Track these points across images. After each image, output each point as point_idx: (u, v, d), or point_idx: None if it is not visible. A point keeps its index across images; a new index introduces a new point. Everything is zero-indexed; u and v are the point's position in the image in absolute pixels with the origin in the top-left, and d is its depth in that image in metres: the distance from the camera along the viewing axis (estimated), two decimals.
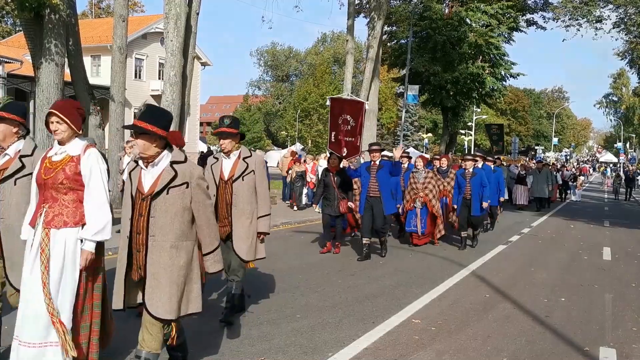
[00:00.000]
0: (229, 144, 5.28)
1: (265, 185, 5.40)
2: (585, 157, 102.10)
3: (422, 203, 10.20)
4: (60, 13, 11.52)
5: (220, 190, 5.29)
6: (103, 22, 40.66)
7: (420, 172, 10.42)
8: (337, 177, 9.29)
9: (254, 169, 5.29)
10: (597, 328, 5.82)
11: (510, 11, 28.85)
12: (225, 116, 5.40)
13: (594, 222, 17.26)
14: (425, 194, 10.25)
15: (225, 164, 5.35)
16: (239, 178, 5.23)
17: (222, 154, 5.38)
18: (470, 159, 10.96)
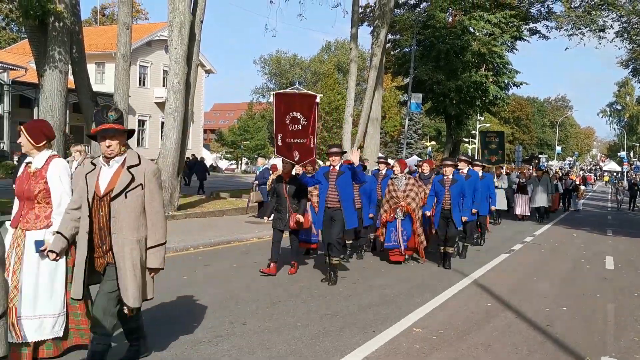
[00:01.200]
0: (117, 146, 4.00)
1: (157, 204, 4.12)
2: (588, 166, 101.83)
3: (405, 213, 9.25)
4: (64, 21, 11.60)
5: (94, 209, 4.02)
6: (107, 29, 40.93)
7: (400, 179, 9.40)
8: (290, 185, 8.10)
9: (143, 182, 4.04)
10: (599, 338, 5.79)
11: (513, 20, 28.93)
12: (107, 107, 4.11)
13: (596, 231, 17.20)
14: (407, 203, 9.27)
15: (104, 174, 4.05)
16: (121, 194, 3.98)
17: (101, 159, 4.10)
18: (451, 163, 9.50)
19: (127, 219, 3.99)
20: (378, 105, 21.20)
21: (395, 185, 9.37)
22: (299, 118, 8.69)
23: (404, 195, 9.28)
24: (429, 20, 28.99)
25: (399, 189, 9.32)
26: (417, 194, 9.42)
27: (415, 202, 9.32)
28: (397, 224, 9.23)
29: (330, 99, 59.18)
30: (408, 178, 9.45)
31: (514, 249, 12.13)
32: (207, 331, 5.29)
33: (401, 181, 9.39)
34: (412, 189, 9.36)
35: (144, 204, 4.06)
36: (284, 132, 8.64)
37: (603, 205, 33.12)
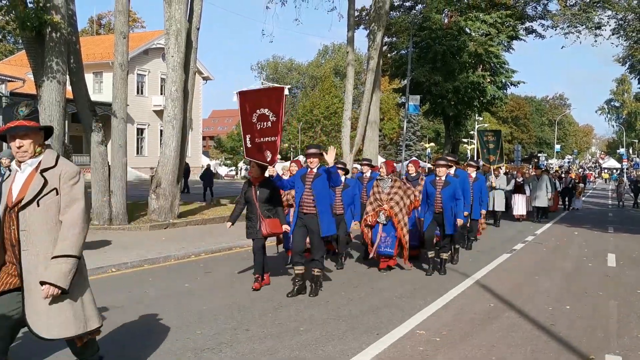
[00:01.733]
0: (30, 146, 3.44)
1: (76, 214, 3.44)
2: (588, 164, 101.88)
3: (387, 217, 8.61)
4: (61, 31, 11.62)
5: (5, 222, 3.48)
6: (104, 39, 40.99)
7: (386, 181, 8.80)
8: (261, 189, 7.45)
9: (58, 186, 3.44)
10: (602, 336, 5.79)
11: (509, 20, 29.01)
12: (18, 103, 3.57)
13: (597, 228, 17.20)
14: (390, 207, 8.59)
15: (17, 181, 3.51)
16: (32, 202, 3.39)
17: (13, 164, 3.59)
18: (444, 164, 8.89)
19: (40, 231, 3.38)
20: (376, 108, 21.21)
21: (380, 187, 8.80)
22: (267, 114, 7.82)
23: (387, 198, 8.65)
24: (424, 22, 29.07)
25: (383, 191, 8.72)
26: (402, 198, 8.69)
27: (398, 206, 8.62)
28: (379, 229, 8.66)
29: (328, 102, 59.31)
30: (394, 180, 8.83)
31: (516, 248, 12.13)
32: (210, 338, 5.28)
33: (386, 183, 8.80)
34: (397, 192, 8.69)
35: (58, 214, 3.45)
36: (252, 132, 7.83)
37: (603, 203, 33.11)
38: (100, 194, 12.96)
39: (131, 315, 6.01)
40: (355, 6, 20.31)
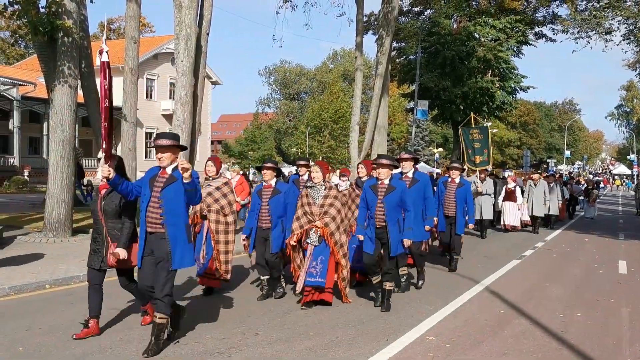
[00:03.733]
0: None
1: None
2: (597, 170, 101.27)
3: (320, 237, 6.71)
4: (73, 36, 11.70)
5: None
6: (114, 43, 41.24)
7: (318, 188, 6.82)
8: (108, 198, 5.40)
9: None
10: (614, 343, 5.74)
11: (518, 25, 28.92)
12: None
13: (608, 235, 17.06)
14: (323, 223, 6.66)
15: None
16: None
17: None
18: (386, 163, 6.70)
19: None
20: (384, 113, 21.17)
21: (311, 197, 6.82)
22: None
23: (320, 211, 6.72)
24: (433, 27, 29.05)
25: (314, 202, 6.79)
26: (340, 212, 6.85)
27: (335, 222, 6.70)
28: (308, 252, 6.79)
29: (337, 106, 59.38)
30: (330, 188, 6.89)
31: (525, 254, 12.05)
32: (220, 342, 5.28)
33: (319, 191, 6.82)
34: (333, 204, 6.75)
35: None
36: None
37: (614, 209, 32.86)
38: None
39: (141, 319, 6.01)
40: (364, 11, 20.34)
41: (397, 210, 6.66)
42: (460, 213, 9.44)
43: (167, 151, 5.11)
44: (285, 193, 7.21)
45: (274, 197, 7.11)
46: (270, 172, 7.19)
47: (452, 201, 9.53)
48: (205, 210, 7.13)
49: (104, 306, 5.47)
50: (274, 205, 7.08)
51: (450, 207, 9.54)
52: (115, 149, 13.58)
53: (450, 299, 7.37)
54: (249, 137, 62.28)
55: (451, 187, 9.61)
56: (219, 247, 7.07)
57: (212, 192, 7.19)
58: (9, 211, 15.74)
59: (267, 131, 68.13)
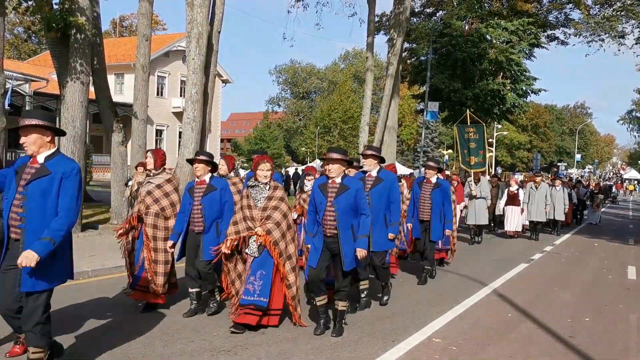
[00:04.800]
0: None
1: None
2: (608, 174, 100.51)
3: (261, 247, 5.60)
4: (85, 33, 11.78)
5: None
6: (126, 40, 41.49)
7: (261, 188, 5.73)
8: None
9: None
10: (622, 349, 5.70)
11: (530, 27, 28.76)
12: None
13: (618, 240, 16.94)
14: (265, 230, 5.55)
15: None
16: None
17: None
18: (337, 157, 5.52)
19: None
20: (394, 114, 21.16)
21: (252, 198, 5.72)
22: None
23: (262, 215, 5.64)
24: (445, 28, 28.94)
25: (256, 205, 5.69)
26: (288, 216, 5.79)
27: (280, 229, 5.62)
28: (247, 265, 5.69)
29: (346, 106, 59.38)
30: (275, 187, 5.80)
31: (534, 258, 11.99)
32: (226, 340, 5.30)
33: (262, 193, 5.71)
34: (279, 207, 5.67)
35: None
36: None
37: (624, 214, 32.62)
38: (119, 193, 13.11)
39: (147, 315, 6.05)
40: (375, 12, 20.32)
41: (350, 215, 5.50)
42: (437, 217, 8.32)
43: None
44: (222, 190, 6.10)
45: (208, 195, 6.01)
46: (203, 165, 6.07)
47: (427, 204, 8.39)
48: (142, 212, 6.19)
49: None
50: (207, 205, 5.99)
51: (425, 211, 8.40)
52: (125, 146, 13.62)
53: (457, 302, 7.35)
54: (258, 136, 62.38)
55: (426, 188, 8.46)
56: (157, 257, 6.06)
57: (151, 190, 6.25)
58: None
59: (277, 130, 68.25)
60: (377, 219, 6.48)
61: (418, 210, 8.52)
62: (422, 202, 8.46)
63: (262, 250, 5.61)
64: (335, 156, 5.52)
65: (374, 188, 6.66)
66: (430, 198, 8.38)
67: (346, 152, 5.79)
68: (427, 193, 8.42)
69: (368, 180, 6.73)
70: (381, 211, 6.63)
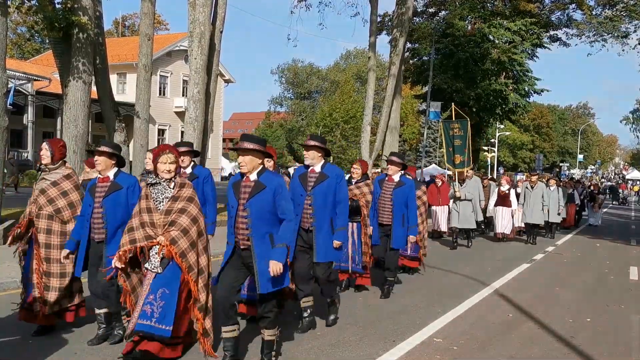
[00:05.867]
0: None
1: None
2: (610, 174, 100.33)
3: (165, 260, 4.52)
4: (88, 32, 11.80)
5: None
6: (129, 40, 41.53)
7: (164, 186, 4.66)
8: None
9: None
10: (623, 349, 5.69)
11: (533, 28, 28.72)
12: None
13: (620, 240, 16.91)
14: (169, 239, 4.47)
15: None
16: None
17: None
18: (250, 147, 4.45)
19: None
20: (397, 114, 21.18)
21: (152, 199, 4.64)
22: None
23: (164, 220, 4.56)
24: (448, 28, 28.92)
25: (157, 207, 4.61)
26: (199, 220, 4.69)
27: (188, 237, 4.55)
28: (146, 282, 4.57)
29: (348, 106, 59.33)
30: (180, 185, 4.69)
31: (535, 258, 11.98)
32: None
33: (163, 192, 4.64)
34: (186, 210, 4.60)
35: None
36: None
37: (626, 215, 32.56)
38: None
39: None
40: (377, 12, 20.33)
41: (266, 222, 4.43)
42: (398, 221, 7.27)
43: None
44: (130, 189, 5.05)
45: (111, 195, 4.96)
46: (104, 159, 5.02)
47: (387, 205, 7.33)
48: (34, 214, 5.18)
49: None
50: (110, 207, 4.93)
51: (386, 213, 7.33)
52: (127, 146, 13.64)
53: (459, 302, 7.34)
54: (260, 136, 62.38)
55: (388, 187, 7.38)
56: (50, 268, 5.08)
57: (46, 188, 5.20)
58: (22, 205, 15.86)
59: (279, 130, 68.22)
60: (321, 223, 5.53)
61: (377, 213, 7.38)
62: (382, 203, 7.36)
63: (166, 264, 4.52)
64: (246, 145, 4.43)
65: (317, 186, 5.55)
66: (392, 199, 7.31)
67: (255, 139, 4.57)
68: (388, 193, 7.35)
69: (311, 177, 5.60)
70: (326, 214, 5.56)
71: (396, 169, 7.40)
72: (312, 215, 5.56)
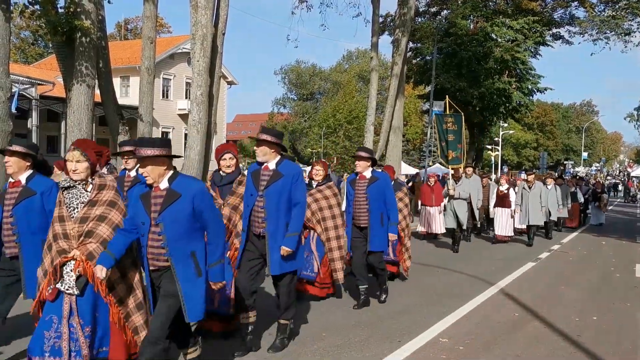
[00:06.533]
0: None
1: None
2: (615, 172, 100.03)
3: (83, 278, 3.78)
4: (91, 36, 11.83)
5: None
6: (131, 43, 41.64)
7: (79, 191, 3.98)
8: None
9: None
10: (630, 348, 5.67)
11: (536, 26, 28.68)
12: None
13: (626, 238, 16.85)
14: (85, 253, 3.80)
15: None
16: None
17: None
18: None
19: None
20: (400, 114, 21.16)
21: (65, 205, 3.97)
22: None
23: (79, 230, 3.86)
24: (450, 27, 28.90)
25: (70, 215, 3.93)
26: (112, 225, 3.92)
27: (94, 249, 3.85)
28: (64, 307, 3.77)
29: (351, 107, 59.32)
30: (99, 187, 4.00)
31: (541, 257, 11.95)
32: (233, 341, 5.30)
33: (78, 197, 3.96)
34: (107, 216, 3.94)
35: None
36: None
37: (632, 212, 32.44)
38: None
39: None
40: (379, 12, 20.32)
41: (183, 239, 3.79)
42: (376, 221, 6.55)
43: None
44: (46, 194, 4.32)
45: (23, 201, 4.28)
46: (16, 159, 4.35)
47: (363, 206, 6.61)
48: None
49: None
50: (21, 217, 4.26)
51: (362, 215, 6.61)
52: None
53: (464, 301, 7.33)
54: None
55: (360, 185, 6.65)
56: None
57: None
58: None
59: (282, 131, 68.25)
60: (275, 228, 4.86)
61: (352, 216, 6.73)
62: (357, 204, 6.66)
63: (84, 284, 3.75)
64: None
65: (272, 185, 4.87)
66: (367, 198, 6.59)
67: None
68: (362, 192, 6.63)
69: (264, 175, 4.94)
70: (280, 218, 4.87)
71: (365, 164, 6.67)
72: (264, 219, 4.84)
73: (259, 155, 4.94)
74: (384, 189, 6.62)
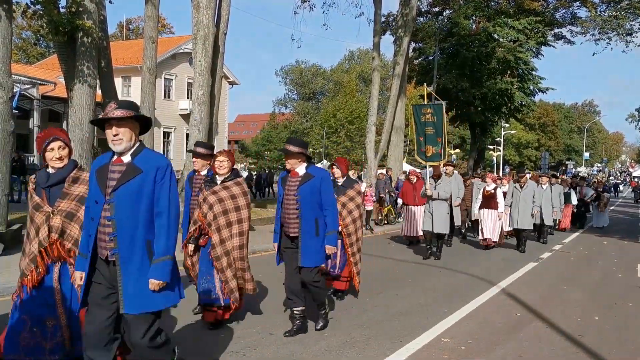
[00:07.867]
0: None
1: None
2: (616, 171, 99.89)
3: None
4: (92, 36, 11.83)
5: None
6: (133, 43, 41.67)
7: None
8: None
9: None
10: (632, 348, 5.66)
11: (538, 26, 28.67)
12: None
13: (628, 238, 16.83)
14: None
15: None
16: None
17: None
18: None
19: None
20: (401, 114, 21.17)
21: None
22: None
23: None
24: (452, 27, 28.90)
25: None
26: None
27: None
28: None
29: (352, 107, 59.29)
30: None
31: (543, 257, 11.93)
32: (235, 341, 5.30)
33: None
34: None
35: None
36: None
37: (633, 212, 32.39)
38: None
39: None
40: (381, 12, 20.32)
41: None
42: (310, 228, 5.35)
43: None
44: None
45: None
46: None
47: (292, 210, 5.40)
48: None
49: None
50: None
51: (292, 222, 5.41)
52: None
53: (466, 301, 7.32)
54: (265, 137, 62.49)
55: (291, 185, 5.44)
56: None
57: None
58: None
59: (284, 131, 68.26)
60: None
61: (281, 223, 5.55)
62: (286, 208, 5.45)
63: None
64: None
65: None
66: (297, 200, 5.38)
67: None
68: (292, 193, 5.42)
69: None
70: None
71: (295, 160, 5.42)
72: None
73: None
74: (320, 189, 5.37)
